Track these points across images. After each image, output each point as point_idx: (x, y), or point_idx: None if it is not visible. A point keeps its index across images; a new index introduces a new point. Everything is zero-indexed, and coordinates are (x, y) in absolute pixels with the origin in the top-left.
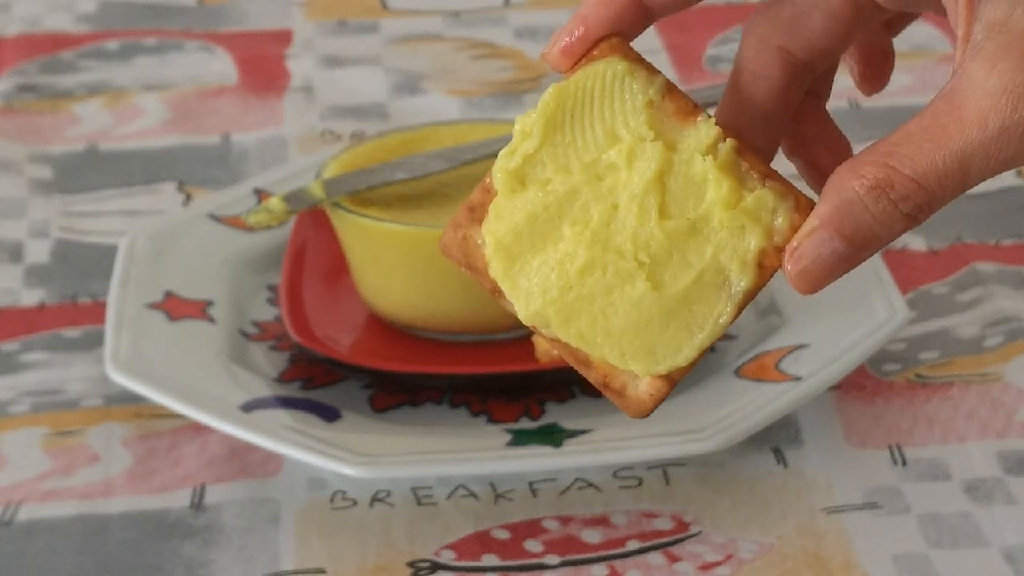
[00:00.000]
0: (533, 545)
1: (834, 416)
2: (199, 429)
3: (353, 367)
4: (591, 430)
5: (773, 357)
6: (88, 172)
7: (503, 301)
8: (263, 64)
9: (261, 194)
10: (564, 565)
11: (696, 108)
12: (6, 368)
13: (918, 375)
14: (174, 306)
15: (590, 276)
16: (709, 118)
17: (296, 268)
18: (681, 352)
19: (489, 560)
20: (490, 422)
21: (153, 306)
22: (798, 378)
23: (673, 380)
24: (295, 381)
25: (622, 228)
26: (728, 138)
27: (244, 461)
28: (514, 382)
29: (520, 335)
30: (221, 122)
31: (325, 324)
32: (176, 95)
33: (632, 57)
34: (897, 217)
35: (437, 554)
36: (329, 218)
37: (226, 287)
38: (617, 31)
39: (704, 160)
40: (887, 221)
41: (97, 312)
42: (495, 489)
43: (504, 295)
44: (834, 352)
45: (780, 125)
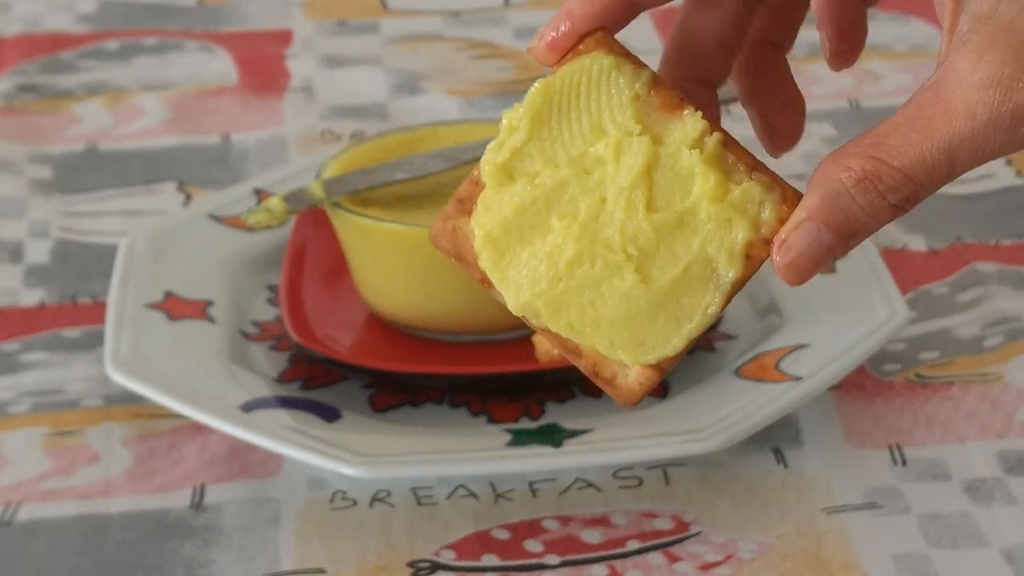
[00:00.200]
0: (533, 545)
1: (834, 416)
2: (199, 429)
3: (353, 367)
4: (591, 430)
5: (773, 357)
6: (88, 172)
7: (493, 292)
8: (263, 64)
9: (261, 194)
10: (564, 565)
11: (682, 101)
12: (6, 368)
13: (918, 375)
14: (174, 306)
15: (579, 268)
16: (696, 112)
17: (296, 268)
18: (670, 343)
19: (489, 560)
20: (490, 422)
21: (153, 306)
22: (798, 378)
23: (663, 369)
24: (295, 381)
25: (610, 221)
26: (715, 131)
27: (244, 461)
28: (514, 382)
29: (520, 335)
30: (221, 122)
31: (325, 324)
32: (176, 95)
33: (618, 51)
34: (884, 208)
35: (437, 554)
36: (329, 218)
37: (226, 287)
38: (603, 25)
39: (691, 154)
40: (874, 212)
41: (97, 312)
42: (495, 489)
43: (494, 286)
44: (834, 352)
45: (732, 52)
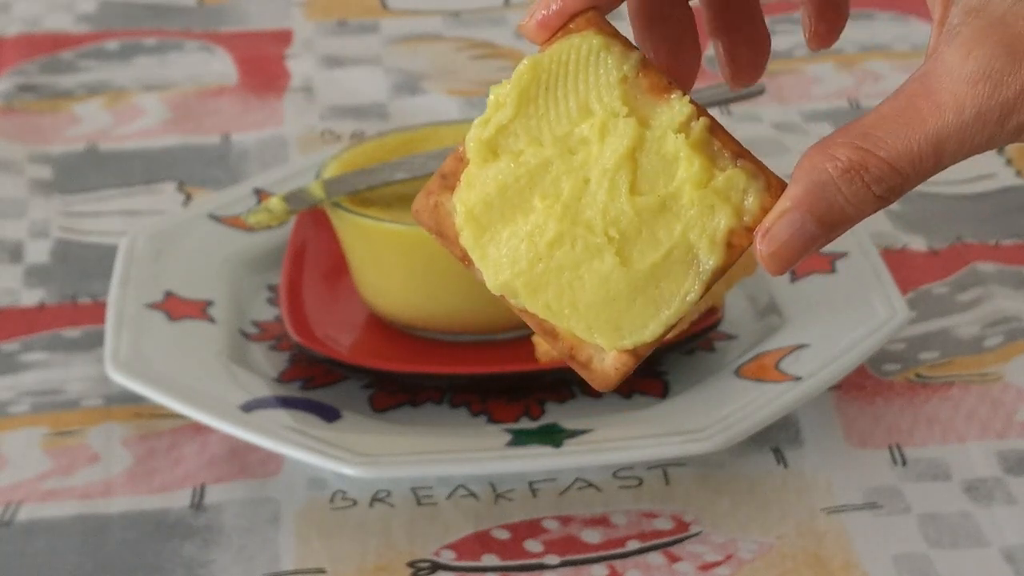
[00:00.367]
0: (533, 545)
1: (834, 416)
2: (199, 429)
3: (353, 367)
4: (591, 430)
5: (773, 357)
6: (88, 172)
7: (472, 270)
8: (263, 64)
9: (261, 194)
10: (564, 565)
11: (670, 85)
12: (6, 368)
13: (918, 375)
14: (174, 306)
15: (559, 249)
16: (683, 96)
17: (296, 268)
18: (647, 328)
19: (489, 560)
20: (490, 422)
21: (153, 306)
22: (798, 378)
23: (639, 355)
24: (295, 381)
25: (592, 203)
26: (702, 116)
27: (244, 461)
28: (514, 382)
29: (520, 335)
30: (221, 122)
31: (325, 324)
32: (176, 95)
33: (608, 32)
34: (870, 199)
35: (437, 554)
36: (329, 218)
37: (226, 287)
38: (594, 5)
39: (676, 138)
40: (859, 203)
41: (97, 312)
42: (495, 489)
43: (474, 264)
44: (834, 352)
45: None
